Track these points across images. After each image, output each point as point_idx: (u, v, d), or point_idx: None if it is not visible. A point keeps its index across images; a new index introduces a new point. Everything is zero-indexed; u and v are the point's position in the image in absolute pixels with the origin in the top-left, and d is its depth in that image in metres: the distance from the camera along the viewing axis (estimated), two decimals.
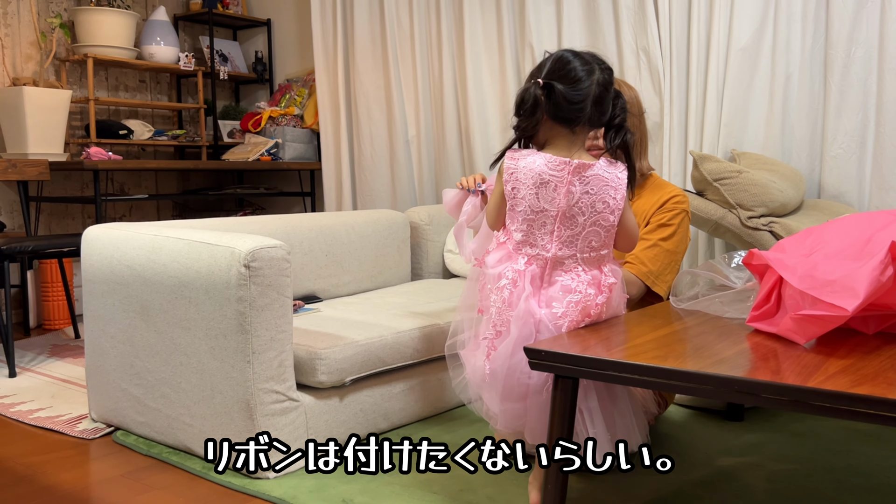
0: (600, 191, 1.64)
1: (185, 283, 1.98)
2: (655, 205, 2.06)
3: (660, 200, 2.06)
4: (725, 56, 3.07)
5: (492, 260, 1.69)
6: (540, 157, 1.63)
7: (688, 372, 1.29)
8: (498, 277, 1.65)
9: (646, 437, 1.74)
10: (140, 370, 2.16)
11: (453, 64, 3.85)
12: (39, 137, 3.74)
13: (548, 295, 1.64)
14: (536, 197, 1.62)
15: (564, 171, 1.62)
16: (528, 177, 1.62)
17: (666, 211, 2.05)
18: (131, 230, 2.19)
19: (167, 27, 4.41)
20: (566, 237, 1.64)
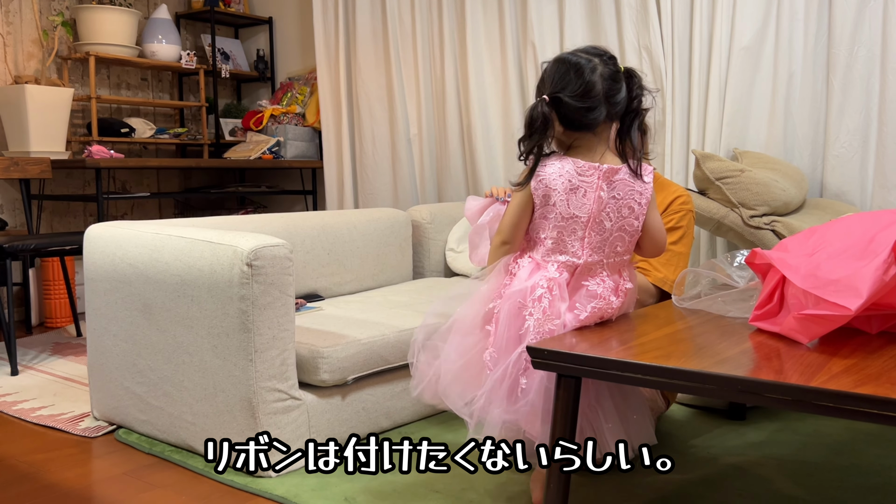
0: (626, 195, 1.62)
1: (188, 282, 1.98)
2: (661, 206, 2.05)
3: (665, 202, 2.06)
4: (728, 55, 3.07)
5: (524, 274, 1.63)
6: (568, 162, 1.59)
7: (691, 371, 1.29)
8: (532, 289, 1.59)
9: (652, 437, 1.74)
10: (142, 368, 2.16)
11: (455, 62, 3.85)
12: (41, 135, 3.74)
13: (574, 300, 1.63)
14: (567, 203, 1.59)
15: (594, 175, 1.59)
16: (558, 183, 1.58)
17: (673, 213, 2.04)
18: (133, 228, 2.19)
19: (169, 25, 4.41)
20: (596, 243, 1.62)
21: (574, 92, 1.56)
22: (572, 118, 1.57)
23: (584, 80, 1.56)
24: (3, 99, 3.75)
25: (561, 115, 1.58)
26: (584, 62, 1.58)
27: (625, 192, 1.62)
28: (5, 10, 3.93)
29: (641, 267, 2.02)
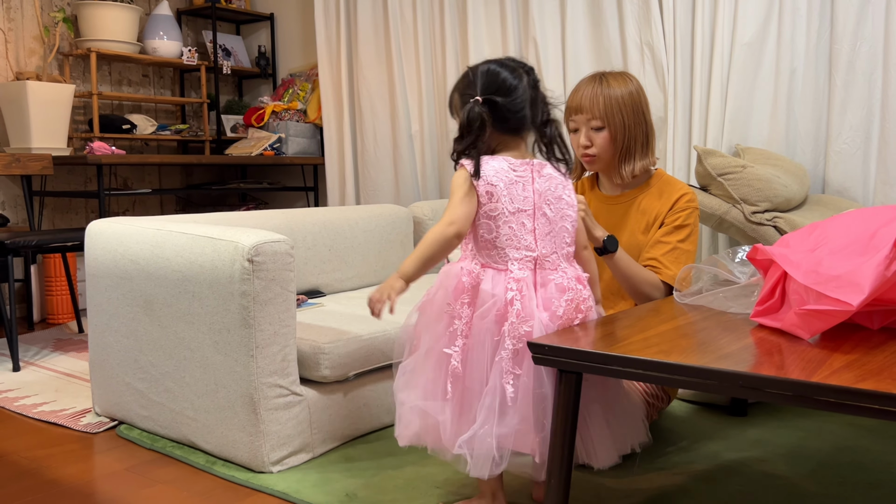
0: (556, 187, 1.65)
1: (189, 278, 1.99)
2: (667, 204, 2.04)
3: (670, 200, 2.05)
4: (730, 51, 3.06)
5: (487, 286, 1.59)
6: (500, 160, 1.62)
7: (692, 367, 1.29)
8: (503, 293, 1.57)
9: (646, 436, 1.73)
10: (144, 364, 2.16)
11: (456, 59, 3.85)
12: (43, 132, 3.75)
13: (545, 297, 1.61)
14: (510, 198, 1.60)
15: (527, 169, 1.62)
16: (499, 179, 1.59)
17: (679, 211, 2.03)
18: (135, 225, 2.19)
19: (170, 21, 4.41)
20: (545, 233, 1.63)
21: (505, 96, 1.61)
22: (505, 120, 1.62)
23: (513, 85, 1.62)
24: (5, 95, 3.76)
25: (494, 117, 1.61)
26: (512, 70, 1.65)
27: (555, 185, 1.65)
28: (6, 6, 3.93)
29: (652, 265, 2.02)
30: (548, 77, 3.54)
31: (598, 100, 1.97)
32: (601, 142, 1.99)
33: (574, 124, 2.03)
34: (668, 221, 2.03)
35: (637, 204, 2.07)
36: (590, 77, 2.03)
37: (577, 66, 3.49)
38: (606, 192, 2.13)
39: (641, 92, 2.03)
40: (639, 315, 1.70)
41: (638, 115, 2.00)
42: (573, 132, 2.05)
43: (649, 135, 2.04)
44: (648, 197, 2.07)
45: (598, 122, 1.98)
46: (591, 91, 1.98)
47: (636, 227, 2.06)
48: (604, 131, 1.99)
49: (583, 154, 2.04)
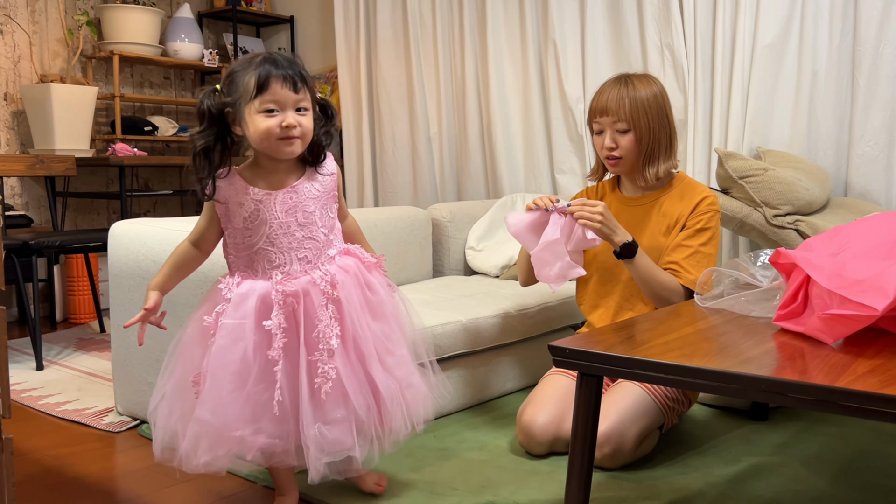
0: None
1: (210, 278, 2.00)
2: (688, 207, 2.03)
3: (692, 202, 2.04)
4: (751, 53, 3.04)
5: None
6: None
7: (714, 371, 1.28)
8: None
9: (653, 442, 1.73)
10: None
11: (476, 60, 3.85)
12: (66, 133, 3.79)
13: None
14: None
15: None
16: None
17: (701, 214, 2.02)
18: (157, 226, 2.21)
19: (191, 24, 4.45)
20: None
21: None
22: None
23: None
24: (29, 97, 3.80)
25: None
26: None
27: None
28: (31, 9, 3.98)
29: (672, 269, 2.01)
30: (567, 79, 3.54)
31: (625, 102, 1.97)
32: (626, 144, 1.99)
33: (598, 126, 2.03)
34: (690, 224, 2.02)
35: (659, 206, 2.07)
36: (615, 79, 2.03)
37: (597, 68, 3.48)
38: (628, 194, 2.13)
39: (665, 94, 2.02)
40: (660, 318, 1.70)
41: (662, 117, 2.00)
42: (597, 134, 2.04)
43: (672, 137, 2.03)
44: (670, 199, 2.06)
45: (624, 125, 1.98)
46: (616, 93, 1.98)
47: (657, 229, 2.06)
48: (629, 134, 1.99)
49: (607, 156, 2.04)
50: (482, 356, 2.42)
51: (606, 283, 2.11)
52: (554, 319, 2.60)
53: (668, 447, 2.06)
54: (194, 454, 1.55)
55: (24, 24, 3.95)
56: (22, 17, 3.95)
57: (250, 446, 1.56)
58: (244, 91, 1.50)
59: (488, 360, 2.44)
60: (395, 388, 1.64)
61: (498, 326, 2.40)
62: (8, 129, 3.94)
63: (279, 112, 1.51)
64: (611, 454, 1.87)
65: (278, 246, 1.57)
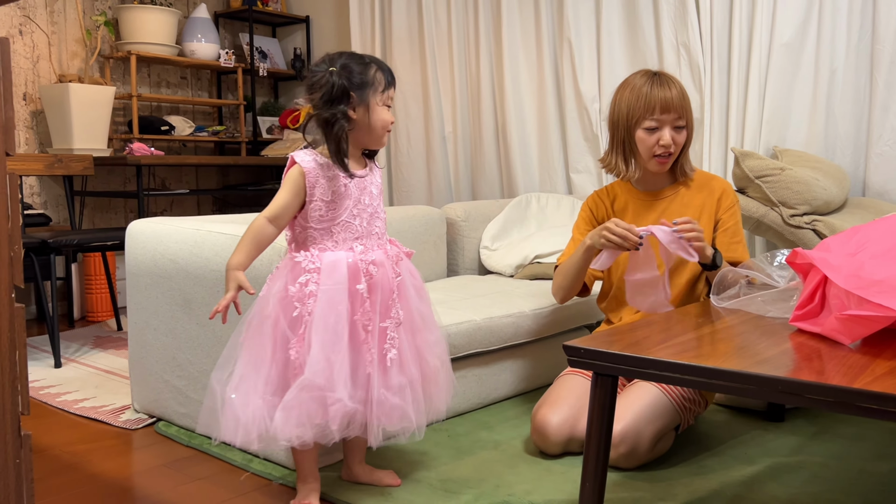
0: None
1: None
2: (711, 198, 2.08)
3: (714, 193, 2.09)
4: (768, 51, 3.02)
5: None
6: None
7: (730, 371, 1.28)
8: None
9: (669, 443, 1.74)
10: (182, 362, 2.19)
11: (490, 60, 3.85)
12: (84, 133, 3.82)
13: None
14: None
15: None
16: None
17: (731, 206, 2.09)
18: (174, 224, 2.22)
19: (208, 24, 4.47)
20: None
21: None
22: None
23: None
24: (48, 97, 3.84)
25: None
26: None
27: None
28: (50, 10, 4.02)
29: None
30: (582, 78, 3.53)
31: (684, 98, 2.02)
32: (682, 140, 2.03)
33: (656, 123, 2.01)
34: (726, 218, 2.08)
35: (680, 198, 2.09)
36: (655, 75, 2.04)
37: (612, 67, 3.47)
38: (645, 189, 2.13)
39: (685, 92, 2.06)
40: (676, 319, 1.69)
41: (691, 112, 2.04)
42: (648, 132, 2.03)
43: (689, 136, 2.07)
44: (689, 191, 2.09)
45: (683, 122, 2.01)
46: (675, 90, 2.01)
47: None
48: (684, 130, 2.02)
49: (663, 153, 2.02)
50: (496, 355, 2.42)
51: None
52: (568, 319, 2.60)
53: (684, 448, 2.05)
54: (287, 426, 1.58)
55: (42, 25, 3.99)
56: (41, 18, 3.99)
57: (346, 412, 1.61)
58: (375, 83, 1.68)
59: (502, 360, 2.44)
60: (437, 365, 1.77)
61: (512, 326, 2.40)
62: (27, 128, 3.98)
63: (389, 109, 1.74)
64: (626, 454, 1.86)
65: (359, 219, 1.71)
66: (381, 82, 1.69)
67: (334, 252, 1.68)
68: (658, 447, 1.93)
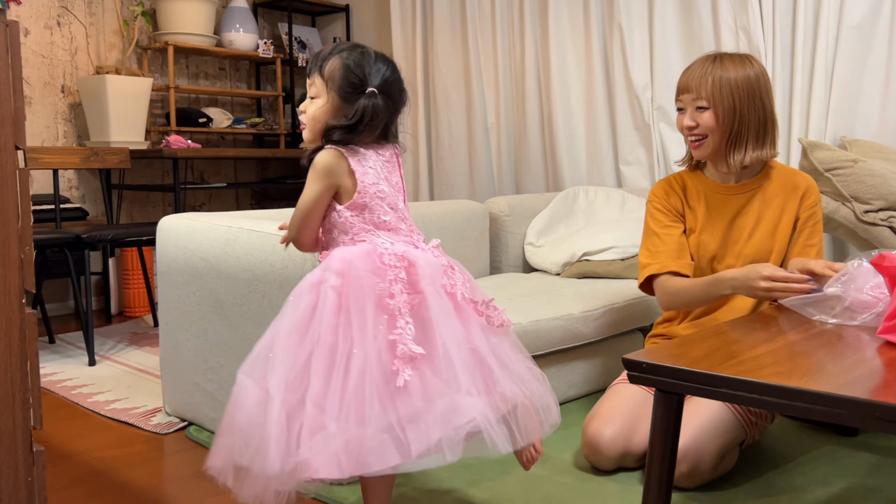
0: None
1: (259, 277, 1.90)
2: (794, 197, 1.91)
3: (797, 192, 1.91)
4: (836, 34, 2.83)
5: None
6: None
7: (818, 393, 1.12)
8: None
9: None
10: (213, 365, 2.10)
11: (536, 48, 3.69)
12: (121, 125, 3.77)
13: None
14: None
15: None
16: None
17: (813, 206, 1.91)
18: (206, 221, 2.12)
19: (246, 14, 4.39)
20: None
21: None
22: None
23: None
24: (85, 89, 3.79)
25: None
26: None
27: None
28: (88, 1, 3.96)
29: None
30: (633, 65, 3.35)
31: (707, 79, 1.82)
32: (707, 122, 1.84)
33: (681, 104, 1.89)
34: (804, 217, 1.91)
35: (762, 194, 1.92)
36: (704, 56, 1.89)
37: (666, 53, 3.29)
38: (716, 180, 1.96)
39: (763, 77, 1.86)
40: (744, 328, 1.53)
41: (754, 100, 1.83)
42: (680, 112, 1.90)
43: (767, 123, 1.86)
44: (772, 189, 1.92)
45: (704, 102, 1.83)
46: (700, 70, 1.84)
47: (761, 219, 1.92)
48: (708, 111, 1.83)
49: (689, 135, 1.89)
50: (543, 360, 2.28)
51: None
52: (621, 322, 2.44)
53: (749, 465, 1.89)
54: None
55: (80, 17, 3.94)
56: (79, 9, 3.94)
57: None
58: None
59: (550, 365, 2.30)
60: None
61: (560, 330, 2.26)
62: (65, 121, 3.93)
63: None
64: (688, 473, 1.71)
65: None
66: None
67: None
68: (722, 465, 1.77)
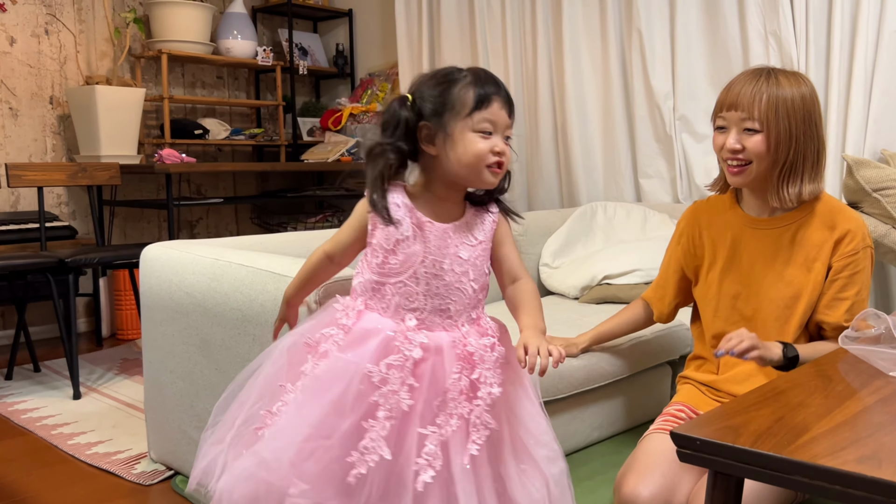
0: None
1: (249, 318, 1.70)
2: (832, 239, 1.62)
3: (836, 234, 1.62)
4: (876, 40, 2.62)
5: None
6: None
7: None
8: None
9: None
10: (200, 412, 1.90)
11: (549, 54, 3.49)
12: (112, 138, 3.58)
13: None
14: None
15: None
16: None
17: (852, 255, 1.61)
18: (191, 251, 1.92)
19: (245, 20, 4.20)
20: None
21: None
22: None
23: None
24: (75, 100, 3.60)
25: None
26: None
27: None
28: (77, 7, 3.78)
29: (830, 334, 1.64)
30: (653, 73, 3.15)
31: (761, 97, 1.56)
32: (755, 147, 1.58)
33: (723, 122, 1.63)
34: (839, 267, 1.61)
35: (793, 231, 1.66)
36: (754, 70, 1.62)
37: (689, 60, 3.09)
38: (752, 214, 1.72)
39: (816, 99, 1.61)
40: (807, 386, 1.32)
41: (810, 125, 1.59)
42: (719, 131, 1.66)
43: (821, 152, 1.62)
44: (811, 226, 1.65)
45: (755, 124, 1.57)
46: (753, 86, 1.57)
47: (792, 259, 1.65)
48: (759, 136, 1.59)
49: (730, 159, 1.63)
50: (563, 403, 2.07)
51: (739, 322, 1.73)
52: (649, 356, 2.23)
53: None
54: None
55: (69, 24, 3.75)
56: (68, 17, 3.75)
57: None
58: (459, 105, 1.29)
59: (571, 408, 2.09)
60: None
61: (583, 370, 2.04)
62: (54, 134, 3.74)
63: (493, 135, 1.30)
64: None
65: (422, 285, 1.30)
66: (468, 103, 1.28)
67: (381, 317, 1.30)
68: None
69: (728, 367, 1.76)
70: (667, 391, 2.36)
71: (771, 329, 1.67)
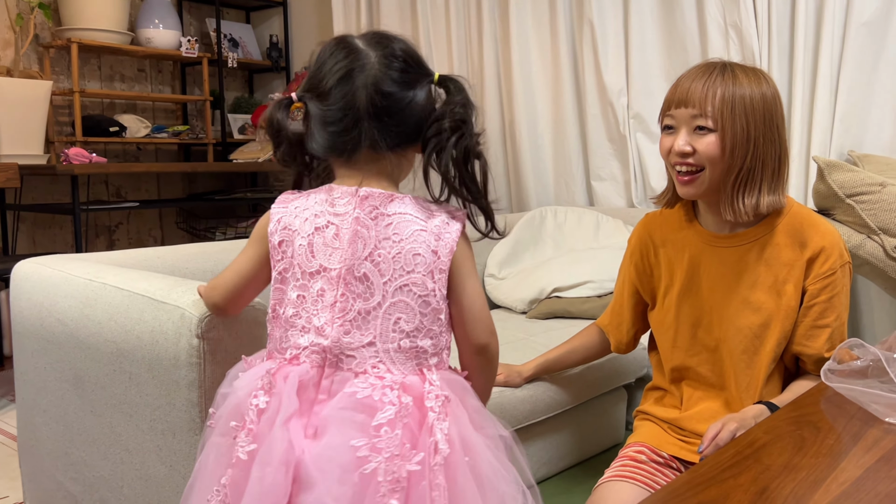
0: (411, 237, 1.03)
1: (124, 353, 1.41)
2: (804, 257, 1.38)
3: (809, 251, 1.37)
4: (842, 32, 2.44)
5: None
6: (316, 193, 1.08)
7: None
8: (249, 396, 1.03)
9: None
10: (76, 461, 1.60)
11: (496, 47, 3.25)
12: (14, 136, 3.22)
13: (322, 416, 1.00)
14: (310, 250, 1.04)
15: (350, 204, 1.04)
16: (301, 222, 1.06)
17: (828, 276, 1.36)
18: (64, 271, 1.62)
19: (167, 8, 3.86)
20: (355, 313, 1.03)
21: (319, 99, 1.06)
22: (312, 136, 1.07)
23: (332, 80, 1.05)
24: None
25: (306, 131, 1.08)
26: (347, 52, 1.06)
27: (408, 234, 1.03)
28: None
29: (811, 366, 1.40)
30: (606, 68, 2.93)
31: (715, 92, 1.31)
32: (707, 149, 1.33)
33: (671, 121, 1.38)
34: (815, 292, 1.37)
35: (759, 249, 1.41)
36: (707, 63, 1.37)
37: (644, 54, 2.87)
38: (712, 230, 1.48)
39: (779, 100, 1.35)
40: (791, 440, 1.09)
41: (771, 128, 1.34)
42: (666, 132, 1.42)
43: (783, 160, 1.38)
44: (778, 243, 1.40)
45: (708, 122, 1.32)
46: (706, 81, 1.32)
47: (759, 280, 1.41)
48: (712, 135, 1.34)
49: (679, 164, 1.39)
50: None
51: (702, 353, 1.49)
52: (602, 381, 2.00)
53: None
54: None
55: None
56: None
57: None
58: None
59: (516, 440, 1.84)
60: None
61: (529, 402, 1.80)
62: None
63: None
64: None
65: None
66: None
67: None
68: None
69: (692, 401, 1.53)
70: (622, 419, 2.13)
71: (738, 362, 1.44)
